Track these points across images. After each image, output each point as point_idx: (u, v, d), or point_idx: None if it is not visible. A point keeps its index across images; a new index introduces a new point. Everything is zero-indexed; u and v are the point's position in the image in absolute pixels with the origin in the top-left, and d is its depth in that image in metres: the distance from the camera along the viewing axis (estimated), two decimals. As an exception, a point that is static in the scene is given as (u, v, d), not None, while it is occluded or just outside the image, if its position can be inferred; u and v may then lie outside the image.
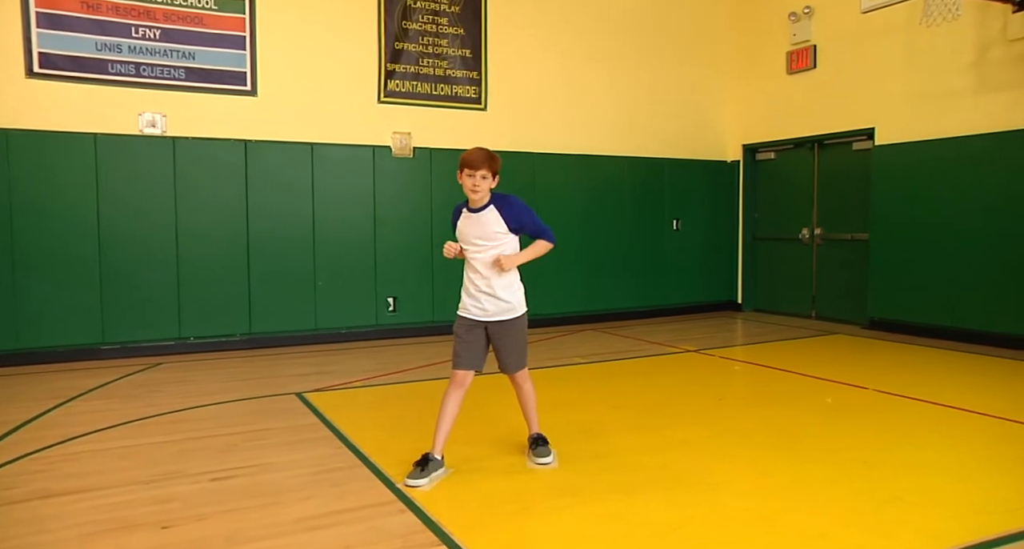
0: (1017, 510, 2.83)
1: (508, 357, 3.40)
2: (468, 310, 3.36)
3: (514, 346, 3.39)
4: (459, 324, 3.38)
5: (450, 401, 3.32)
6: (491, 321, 3.36)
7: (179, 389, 5.09)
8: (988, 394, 4.75)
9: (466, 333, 3.35)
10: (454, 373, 3.35)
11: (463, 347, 3.34)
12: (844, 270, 8.13)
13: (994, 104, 6.48)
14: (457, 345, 3.36)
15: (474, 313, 3.35)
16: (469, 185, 3.23)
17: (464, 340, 3.35)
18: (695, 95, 9.03)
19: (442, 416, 3.31)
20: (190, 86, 6.38)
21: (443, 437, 3.30)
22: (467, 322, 3.36)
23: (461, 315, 3.39)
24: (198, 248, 6.46)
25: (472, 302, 3.35)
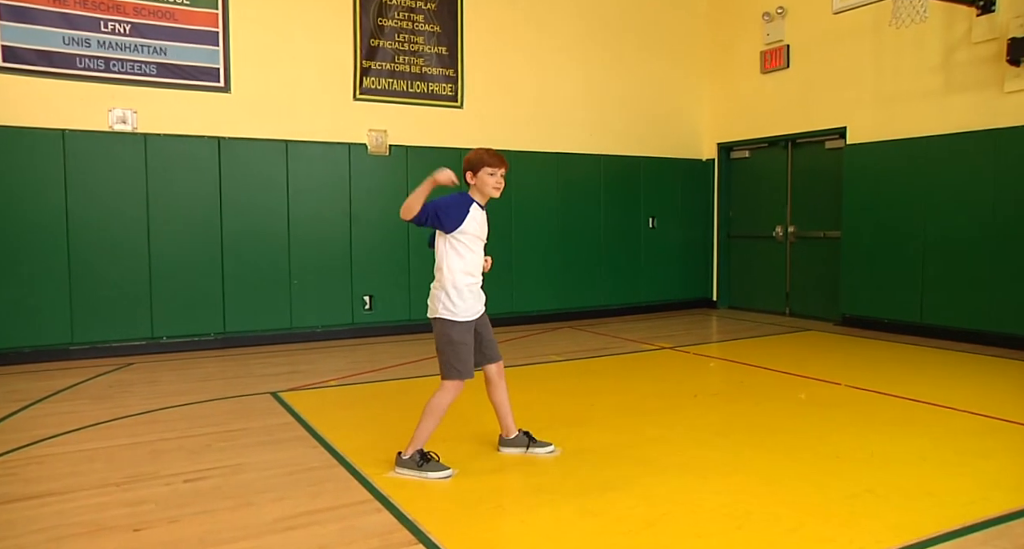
0: (979, 501, 2.89)
1: (495, 344, 3.43)
2: (468, 312, 3.25)
3: (493, 334, 3.44)
4: (463, 331, 3.24)
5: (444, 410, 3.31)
6: (479, 317, 3.36)
7: (151, 389, 5.01)
8: (955, 389, 4.85)
9: (469, 339, 3.26)
10: (459, 384, 3.25)
11: (468, 353, 3.25)
12: (817, 268, 8.24)
13: (959, 105, 6.61)
14: (462, 351, 3.23)
15: (476, 312, 3.30)
16: (492, 183, 3.26)
17: (469, 346, 3.25)
18: (670, 94, 9.10)
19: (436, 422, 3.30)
20: (161, 82, 6.29)
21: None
22: (468, 325, 3.26)
23: (464, 320, 3.24)
24: (171, 247, 6.37)
25: (476, 302, 3.29)
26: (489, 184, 3.26)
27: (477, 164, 3.26)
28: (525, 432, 3.54)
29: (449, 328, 3.23)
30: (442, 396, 3.27)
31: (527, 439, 3.52)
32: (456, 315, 3.23)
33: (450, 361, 3.24)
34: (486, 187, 3.27)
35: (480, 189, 3.29)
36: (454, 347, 3.22)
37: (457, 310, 3.22)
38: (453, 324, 3.23)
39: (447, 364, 3.26)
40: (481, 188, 3.29)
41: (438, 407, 3.27)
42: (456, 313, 3.22)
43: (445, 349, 3.25)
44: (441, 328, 3.25)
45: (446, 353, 3.25)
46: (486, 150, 3.30)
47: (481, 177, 3.26)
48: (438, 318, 3.26)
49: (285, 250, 6.85)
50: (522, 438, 3.53)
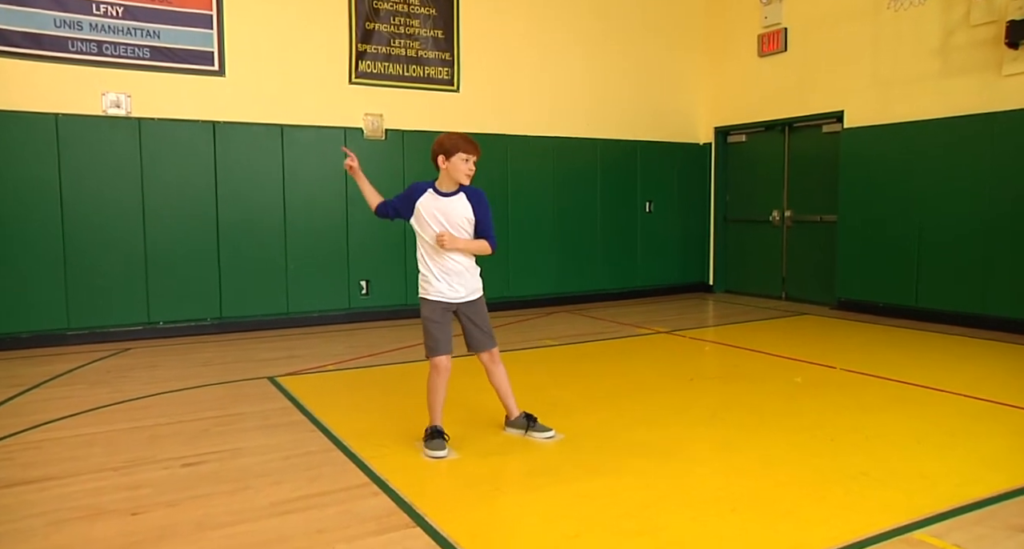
0: (972, 482, 2.92)
1: (484, 334, 3.46)
2: (443, 293, 3.34)
3: (486, 322, 3.47)
4: (431, 308, 3.35)
5: (440, 388, 3.39)
6: (463, 302, 3.39)
7: (148, 374, 5.02)
8: (950, 372, 4.87)
9: (441, 317, 3.35)
10: (438, 360, 3.34)
11: (440, 331, 3.34)
12: (813, 252, 8.25)
13: (958, 88, 6.58)
14: (434, 330, 3.33)
15: (449, 296, 3.35)
16: (465, 169, 3.27)
17: (440, 324, 3.35)
18: (668, 78, 9.05)
19: (435, 400, 3.40)
20: (155, 65, 6.24)
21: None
22: (440, 305, 3.35)
23: (433, 299, 3.35)
24: (166, 232, 6.35)
25: (446, 285, 3.34)
26: (462, 170, 3.27)
27: (452, 149, 3.26)
28: (527, 415, 3.57)
29: (424, 306, 3.38)
30: (429, 376, 3.41)
31: (527, 422, 3.55)
32: (428, 293, 3.36)
33: (424, 339, 3.39)
34: (458, 173, 3.28)
35: (452, 174, 3.30)
36: (425, 324, 3.36)
37: (430, 289, 3.36)
38: (425, 302, 3.37)
39: (425, 342, 3.40)
40: (453, 174, 3.29)
41: (429, 387, 3.42)
42: (428, 292, 3.36)
43: (423, 326, 3.38)
44: (421, 306, 3.40)
45: (423, 330, 3.38)
46: (460, 135, 3.30)
47: (455, 163, 3.26)
48: (420, 297, 3.42)
49: (281, 235, 6.83)
50: (522, 420, 3.56)
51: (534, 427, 3.54)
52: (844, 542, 2.40)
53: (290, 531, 2.53)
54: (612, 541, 2.45)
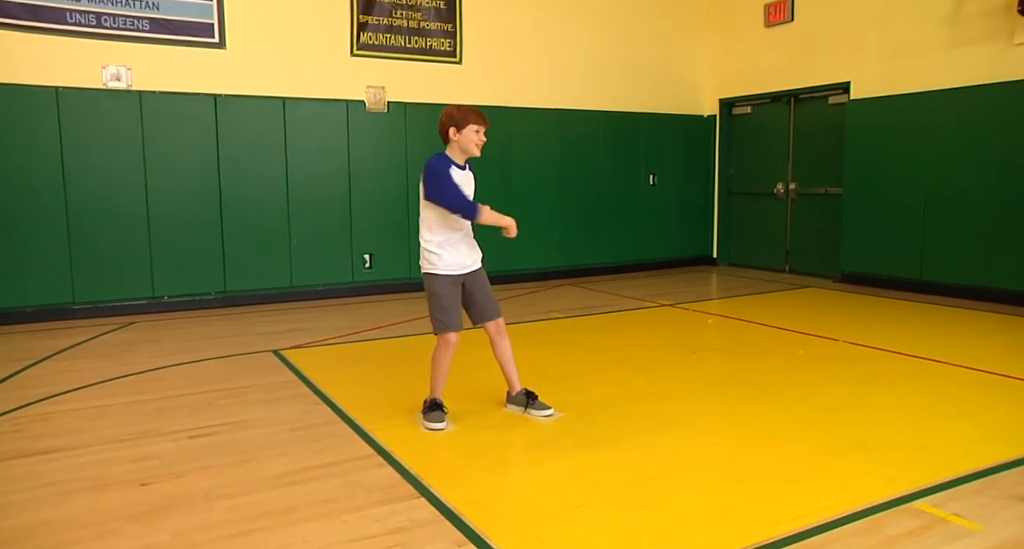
0: (972, 453, 2.94)
1: (492, 302, 3.46)
2: (452, 265, 3.30)
3: (491, 291, 3.47)
4: (441, 283, 3.29)
5: (447, 361, 3.39)
6: (469, 272, 3.39)
7: (153, 348, 5.05)
8: (953, 344, 4.88)
9: (451, 290, 3.32)
10: (448, 336, 3.32)
11: (452, 305, 3.32)
12: (817, 224, 8.21)
13: (967, 58, 6.48)
14: (446, 304, 3.30)
15: (459, 268, 3.33)
16: (476, 140, 3.26)
17: (451, 298, 3.32)
18: (672, 48, 8.93)
19: (439, 373, 3.41)
20: (155, 38, 6.17)
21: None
22: (450, 279, 3.32)
23: (443, 273, 3.29)
24: (169, 205, 6.34)
25: (460, 257, 3.32)
26: (473, 141, 3.25)
27: (462, 121, 3.23)
28: (528, 391, 3.55)
29: (431, 281, 3.32)
30: (436, 350, 3.39)
31: (526, 399, 3.53)
32: (438, 268, 3.30)
33: (435, 314, 3.34)
34: (469, 145, 3.26)
35: (463, 147, 3.27)
36: (437, 300, 3.31)
37: (439, 263, 3.29)
38: (435, 277, 3.31)
39: (433, 317, 3.36)
40: (464, 146, 3.27)
41: (436, 360, 3.40)
42: (437, 266, 3.30)
43: (431, 302, 3.34)
44: (427, 282, 3.35)
45: (431, 306, 3.35)
46: (468, 107, 3.29)
47: (466, 134, 3.24)
48: (425, 272, 3.36)
49: (284, 208, 6.82)
50: (521, 397, 3.54)
51: (533, 405, 3.51)
52: (845, 512, 2.43)
53: (296, 502, 2.57)
54: (616, 512, 2.47)
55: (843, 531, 2.31)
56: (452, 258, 3.30)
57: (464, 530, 2.34)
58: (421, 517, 2.44)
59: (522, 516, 2.46)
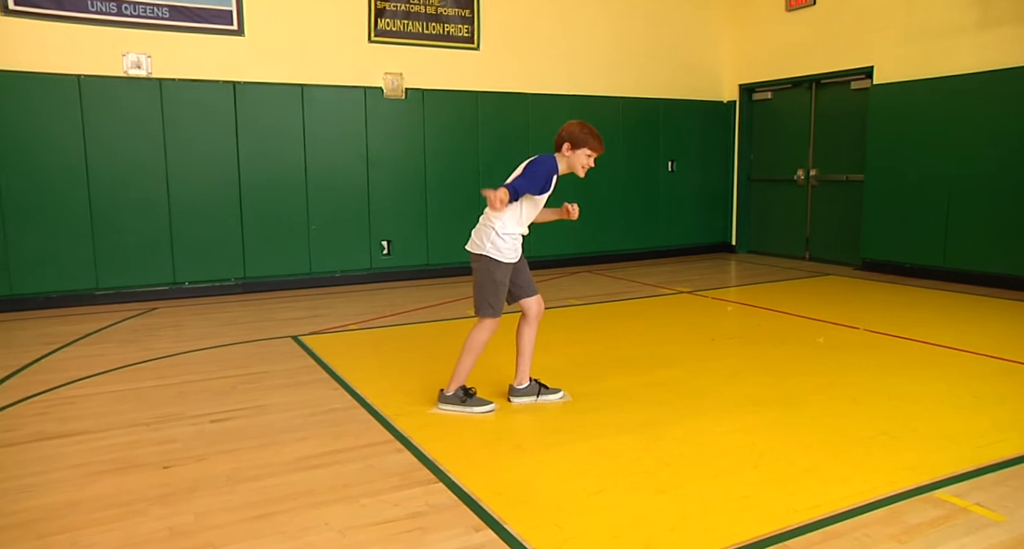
0: (995, 443, 2.90)
1: (532, 281, 3.50)
2: (514, 256, 3.36)
3: (529, 273, 3.51)
4: (504, 271, 3.33)
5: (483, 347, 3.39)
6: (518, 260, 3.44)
7: (175, 333, 5.11)
8: (976, 332, 4.81)
9: (507, 278, 3.36)
10: (492, 321, 3.35)
11: (504, 292, 3.37)
12: (838, 211, 8.12)
13: (997, 40, 6.34)
14: (502, 292, 3.35)
15: (517, 257, 3.40)
16: (586, 163, 3.34)
17: (505, 286, 3.36)
18: (691, 33, 8.83)
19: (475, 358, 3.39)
20: (175, 25, 6.20)
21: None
22: (508, 268, 3.35)
23: (507, 262, 3.33)
24: (189, 193, 6.39)
25: (516, 247, 3.38)
26: (581, 163, 3.33)
27: (580, 142, 3.29)
28: (536, 381, 3.55)
29: (494, 267, 3.30)
30: (479, 332, 3.36)
31: (538, 387, 3.53)
32: (504, 256, 3.30)
33: (488, 298, 3.32)
34: (576, 165, 3.34)
35: (571, 164, 3.34)
36: (495, 286, 3.31)
37: (505, 251, 3.30)
38: (499, 264, 3.30)
39: (484, 301, 3.33)
40: (572, 164, 3.34)
41: (476, 343, 3.36)
42: (503, 254, 3.30)
43: (486, 286, 3.32)
44: (486, 266, 3.31)
45: (486, 290, 3.32)
46: (591, 130, 3.32)
47: (579, 155, 3.31)
48: (484, 255, 3.30)
49: (303, 195, 6.85)
50: (533, 387, 3.52)
51: (545, 391, 3.52)
52: (865, 500, 2.41)
53: (316, 485, 2.60)
54: (634, 497, 2.48)
55: (863, 519, 2.29)
56: (515, 249, 3.35)
57: (482, 515, 2.36)
58: (439, 502, 2.46)
59: (539, 501, 2.47)
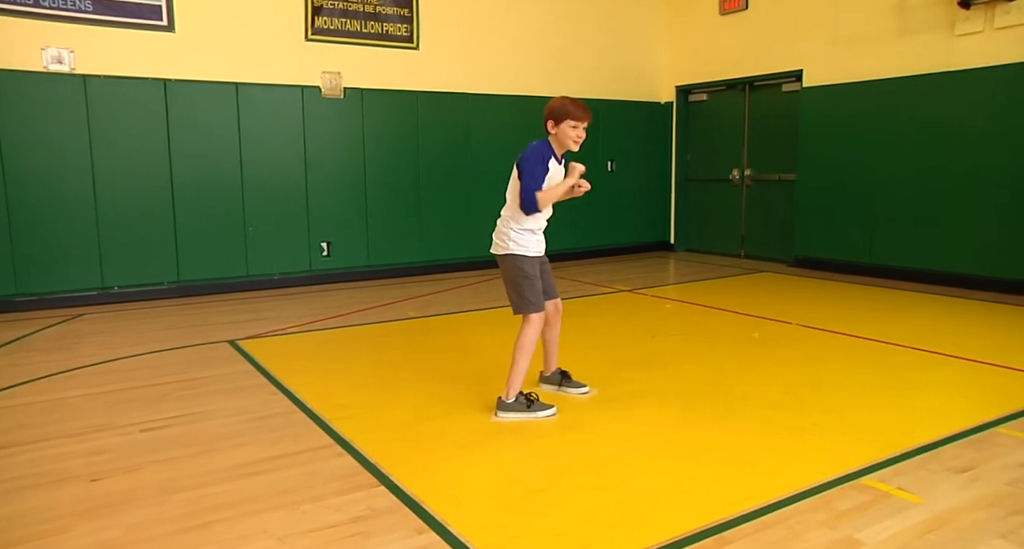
0: (915, 429, 3.05)
1: (554, 283, 3.54)
2: (537, 249, 3.37)
3: (551, 273, 3.54)
4: (533, 264, 3.33)
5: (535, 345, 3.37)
6: (542, 255, 3.45)
7: (104, 340, 4.92)
8: (899, 325, 5.03)
9: (537, 271, 3.36)
10: (537, 316, 3.32)
11: (539, 285, 3.35)
12: (772, 210, 8.37)
13: (913, 48, 6.65)
14: (536, 284, 3.33)
15: (540, 251, 3.40)
16: (574, 136, 3.24)
17: (538, 279, 3.35)
18: (630, 36, 8.97)
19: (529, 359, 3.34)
20: (99, 19, 5.96)
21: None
22: (537, 261, 3.37)
23: (533, 255, 3.34)
24: (118, 193, 6.16)
25: (540, 241, 3.39)
26: (571, 137, 3.25)
27: (561, 115, 3.22)
28: (562, 371, 3.67)
29: (522, 263, 3.30)
30: (528, 332, 3.33)
31: (560, 377, 3.66)
32: (528, 250, 3.32)
33: (526, 295, 3.30)
34: (567, 140, 3.26)
35: (560, 141, 3.28)
36: (529, 281, 3.30)
37: (528, 245, 3.31)
38: (525, 259, 3.31)
39: (523, 298, 3.31)
40: (562, 140, 3.27)
41: (528, 344, 3.33)
42: (528, 248, 3.31)
43: (521, 283, 3.30)
44: (513, 263, 3.31)
45: (522, 287, 3.31)
46: (571, 100, 3.26)
47: (563, 129, 3.24)
48: (509, 254, 3.32)
49: (239, 196, 6.68)
50: (556, 376, 3.66)
51: (568, 383, 3.64)
52: (798, 489, 2.50)
53: (255, 492, 2.54)
54: (577, 494, 2.51)
55: (796, 508, 2.37)
56: (537, 245, 3.36)
57: (425, 517, 2.35)
58: (381, 505, 2.43)
59: (483, 502, 2.47)
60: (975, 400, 3.44)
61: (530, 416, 3.29)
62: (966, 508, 2.36)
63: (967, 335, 4.76)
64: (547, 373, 3.71)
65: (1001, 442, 2.92)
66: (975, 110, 6.26)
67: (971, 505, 2.38)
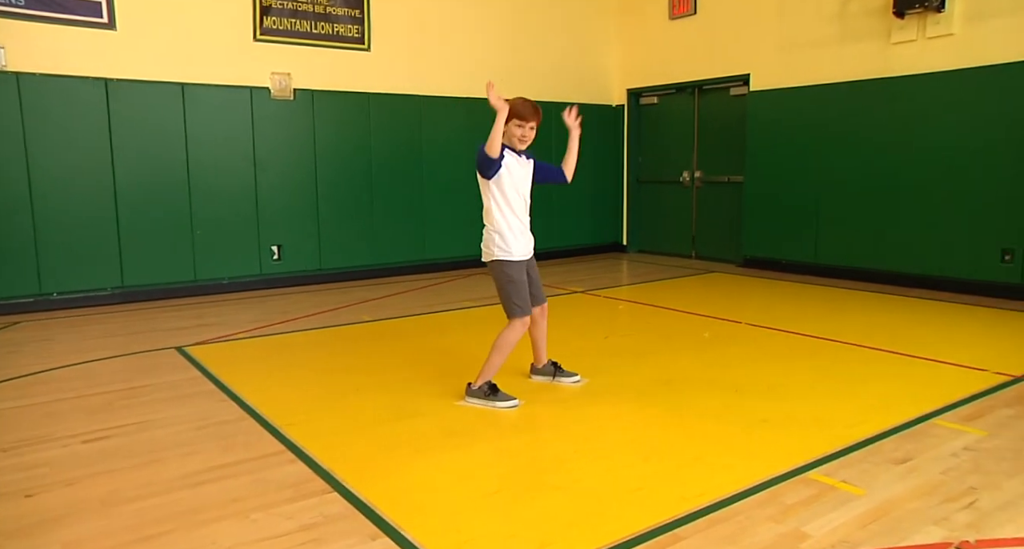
0: (859, 424, 3.14)
1: (540, 288, 3.63)
2: (521, 251, 3.44)
3: (539, 277, 3.64)
4: (516, 268, 3.42)
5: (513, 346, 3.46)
6: (528, 259, 3.52)
7: (43, 348, 4.74)
8: (843, 323, 5.19)
9: (524, 276, 3.45)
10: (526, 319, 3.43)
11: (526, 289, 3.44)
12: (721, 211, 8.54)
13: (853, 54, 6.87)
14: (523, 290, 3.41)
15: (524, 253, 3.48)
16: (519, 134, 3.37)
17: (524, 283, 3.44)
18: (581, 39, 9.05)
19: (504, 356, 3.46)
20: (32, 15, 5.74)
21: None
22: (523, 264, 3.45)
23: (515, 260, 3.42)
24: (56, 196, 5.94)
25: (523, 243, 3.45)
26: (515, 135, 3.37)
27: (510, 114, 3.31)
28: (553, 363, 3.81)
29: (507, 267, 3.41)
30: (509, 333, 3.44)
31: (553, 369, 3.79)
32: (512, 254, 3.41)
33: (512, 299, 3.41)
34: (512, 138, 3.37)
35: (508, 139, 3.37)
36: (515, 285, 3.40)
37: (512, 250, 3.40)
38: (510, 263, 3.41)
39: (510, 302, 3.42)
40: (508, 139, 3.37)
41: (506, 343, 3.45)
42: (511, 253, 3.41)
43: (507, 287, 3.41)
44: (500, 269, 3.42)
45: (508, 291, 3.41)
46: (523, 100, 3.37)
47: (510, 128, 3.35)
48: (495, 260, 3.44)
49: (186, 199, 6.51)
50: (549, 368, 3.80)
51: (560, 373, 3.78)
52: (747, 485, 2.55)
53: (204, 502, 2.48)
54: (532, 495, 2.51)
55: (745, 503, 2.42)
56: (521, 244, 3.44)
57: (379, 523, 2.32)
58: (334, 512, 2.40)
59: (437, 506, 2.46)
60: (913, 394, 3.57)
61: (489, 404, 3.40)
62: (904, 498, 2.45)
63: (907, 331, 4.93)
64: (539, 365, 3.84)
65: (936, 434, 3.03)
66: (910, 115, 6.50)
67: (908, 495, 2.47)
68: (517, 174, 3.43)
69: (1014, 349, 4.43)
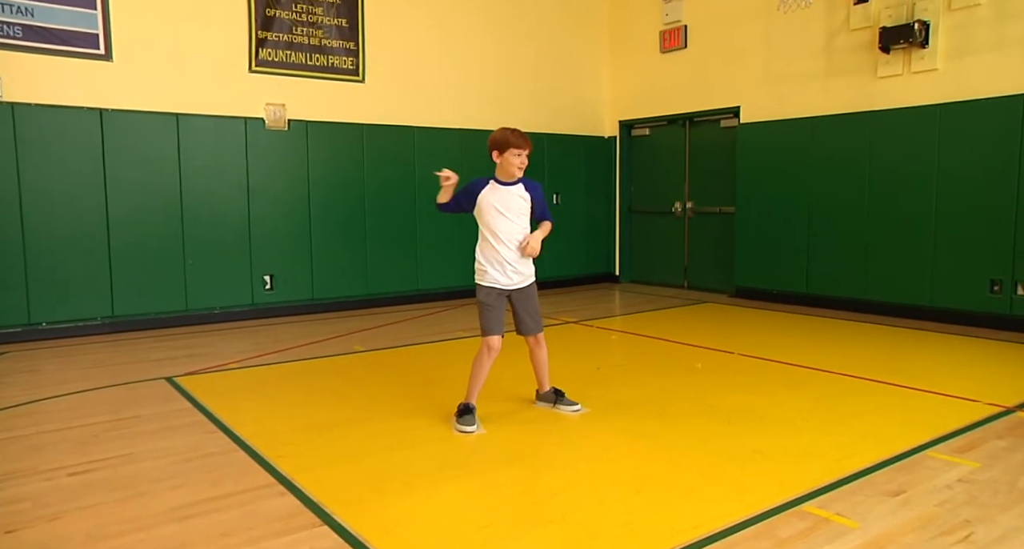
0: (851, 455, 3.13)
1: (533, 319, 3.74)
2: (497, 281, 3.60)
3: (535, 309, 3.74)
4: (486, 294, 3.60)
5: (485, 366, 3.63)
6: (515, 289, 3.62)
7: (30, 379, 4.69)
8: (834, 354, 5.20)
9: (495, 301, 3.61)
10: (490, 339, 3.57)
11: (494, 313, 3.60)
12: (713, 242, 8.60)
13: (840, 88, 7.00)
14: (488, 312, 3.58)
15: (503, 283, 3.62)
16: (517, 163, 3.53)
17: (494, 307, 3.60)
18: (574, 71, 9.18)
19: (477, 377, 3.62)
20: (30, 46, 5.79)
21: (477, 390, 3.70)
22: (495, 291, 3.60)
23: (488, 285, 3.60)
24: (48, 226, 5.93)
25: (500, 273, 3.59)
26: (514, 164, 3.54)
27: (503, 144, 3.51)
28: (555, 390, 3.89)
29: (479, 291, 3.64)
30: (480, 354, 3.63)
31: (555, 396, 3.87)
32: (484, 280, 3.62)
33: (480, 321, 3.62)
34: (511, 167, 3.55)
35: (505, 168, 3.57)
36: (483, 308, 3.60)
37: (485, 275, 3.61)
38: (480, 288, 3.64)
39: (480, 323, 3.62)
40: (506, 168, 3.56)
41: (476, 365, 3.64)
42: (484, 278, 3.62)
43: (479, 308, 3.63)
44: (478, 290, 3.65)
45: (479, 313, 3.63)
46: (512, 130, 3.55)
47: (507, 158, 3.53)
48: (477, 282, 3.66)
49: (178, 228, 6.52)
50: (550, 395, 3.89)
51: (562, 401, 3.85)
52: (741, 518, 2.53)
53: (191, 536, 2.44)
54: (523, 529, 2.48)
55: (739, 537, 2.40)
56: (494, 276, 3.60)
57: (369, 557, 2.29)
58: (324, 546, 2.37)
59: (429, 539, 2.43)
60: (906, 425, 3.57)
61: (453, 423, 3.56)
62: (898, 531, 2.43)
63: (897, 362, 4.94)
64: (541, 392, 3.93)
65: (929, 465, 3.03)
66: (897, 147, 6.60)
67: (902, 528, 2.45)
68: (498, 207, 3.57)
69: (1005, 380, 4.44)
